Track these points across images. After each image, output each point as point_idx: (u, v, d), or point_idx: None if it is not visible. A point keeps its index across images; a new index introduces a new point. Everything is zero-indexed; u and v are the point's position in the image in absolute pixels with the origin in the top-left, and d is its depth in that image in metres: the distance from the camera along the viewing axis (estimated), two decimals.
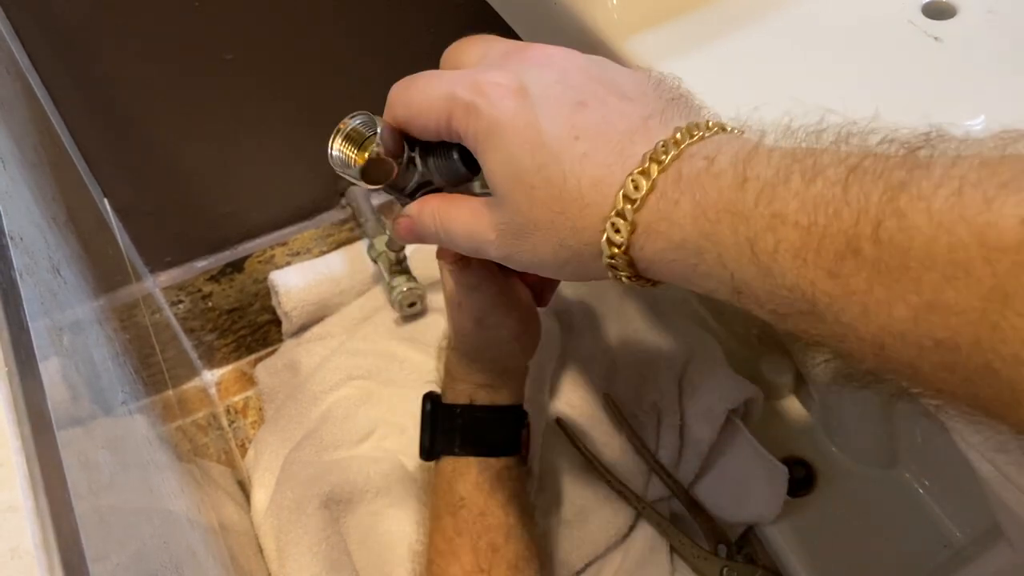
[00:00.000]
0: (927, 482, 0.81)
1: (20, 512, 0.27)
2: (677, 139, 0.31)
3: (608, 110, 0.33)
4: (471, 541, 0.59)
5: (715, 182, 0.29)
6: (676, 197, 0.30)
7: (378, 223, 0.91)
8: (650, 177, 0.31)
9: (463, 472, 0.60)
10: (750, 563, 0.76)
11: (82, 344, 0.45)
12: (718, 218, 0.29)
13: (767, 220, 0.27)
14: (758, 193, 0.28)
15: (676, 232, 0.30)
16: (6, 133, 0.49)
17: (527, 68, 0.35)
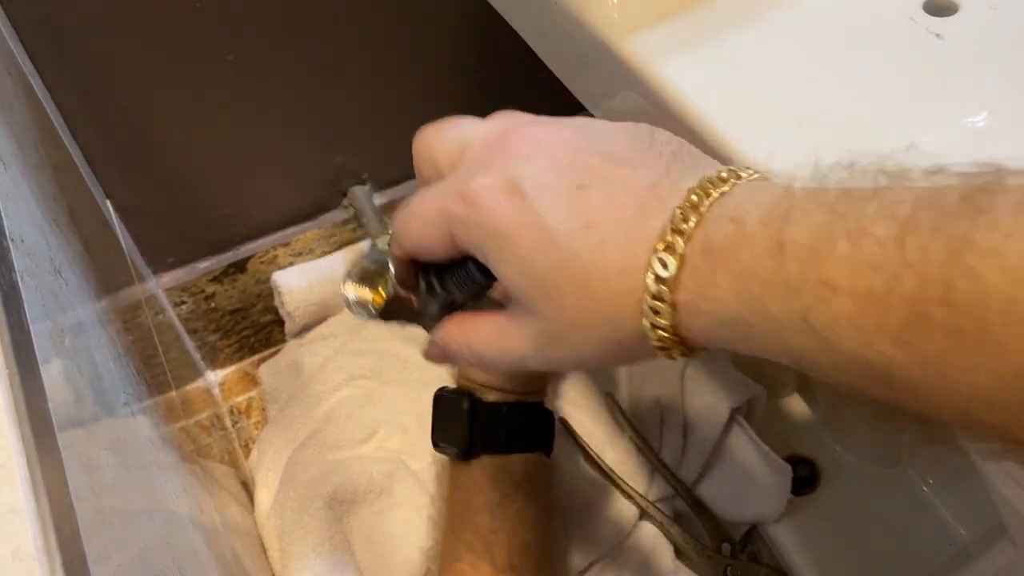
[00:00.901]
0: (931, 480, 0.80)
1: (21, 514, 0.27)
2: (694, 202, 0.29)
3: (611, 186, 0.31)
4: (507, 538, 0.59)
5: (749, 251, 0.27)
6: (711, 270, 0.28)
7: (380, 223, 0.91)
8: (676, 252, 0.28)
9: (508, 469, 0.60)
10: (754, 562, 0.76)
11: (84, 345, 0.45)
12: (762, 292, 0.26)
13: (817, 290, 0.25)
14: (802, 261, 0.25)
15: (720, 309, 0.28)
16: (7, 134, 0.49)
17: (512, 162, 0.32)
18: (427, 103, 0.91)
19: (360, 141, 0.90)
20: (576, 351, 0.33)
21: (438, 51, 0.86)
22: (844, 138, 0.43)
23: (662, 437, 0.80)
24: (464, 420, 0.60)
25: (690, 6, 0.51)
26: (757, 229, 0.27)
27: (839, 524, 0.81)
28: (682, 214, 0.29)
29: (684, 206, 0.29)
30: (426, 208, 0.34)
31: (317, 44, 0.80)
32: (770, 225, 0.26)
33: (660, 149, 0.32)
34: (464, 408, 0.59)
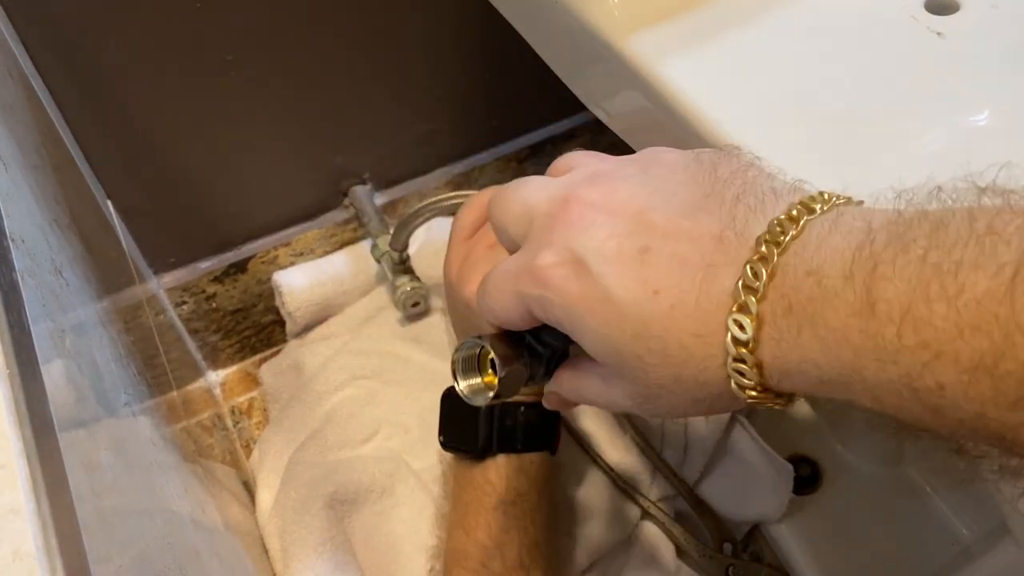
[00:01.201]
0: (933, 479, 0.80)
1: (22, 515, 0.27)
2: (763, 254, 0.27)
3: (676, 244, 0.29)
4: (519, 537, 0.59)
5: (834, 311, 0.24)
6: (795, 331, 0.26)
7: (381, 223, 0.91)
8: (751, 312, 0.27)
9: (525, 468, 0.60)
10: (756, 561, 0.76)
11: (85, 346, 0.45)
12: (855, 358, 0.24)
13: (918, 356, 0.22)
14: (896, 324, 0.23)
15: (811, 369, 0.26)
16: (8, 135, 0.49)
17: (574, 235, 0.31)
18: (428, 103, 0.91)
19: (360, 141, 0.90)
20: (672, 407, 0.32)
21: (439, 51, 0.86)
22: (845, 137, 0.43)
23: (664, 437, 0.80)
24: (480, 419, 0.61)
25: (691, 5, 0.51)
26: (840, 284, 0.25)
27: (841, 524, 0.81)
28: (752, 270, 0.27)
29: (754, 260, 0.27)
30: (503, 289, 0.34)
31: (317, 44, 0.80)
32: (855, 280, 0.24)
33: (724, 190, 0.30)
34: (481, 407, 0.58)
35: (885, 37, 0.47)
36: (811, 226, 0.27)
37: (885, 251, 0.24)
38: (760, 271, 0.27)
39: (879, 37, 0.48)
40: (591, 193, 0.32)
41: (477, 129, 0.97)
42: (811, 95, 0.45)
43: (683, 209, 0.30)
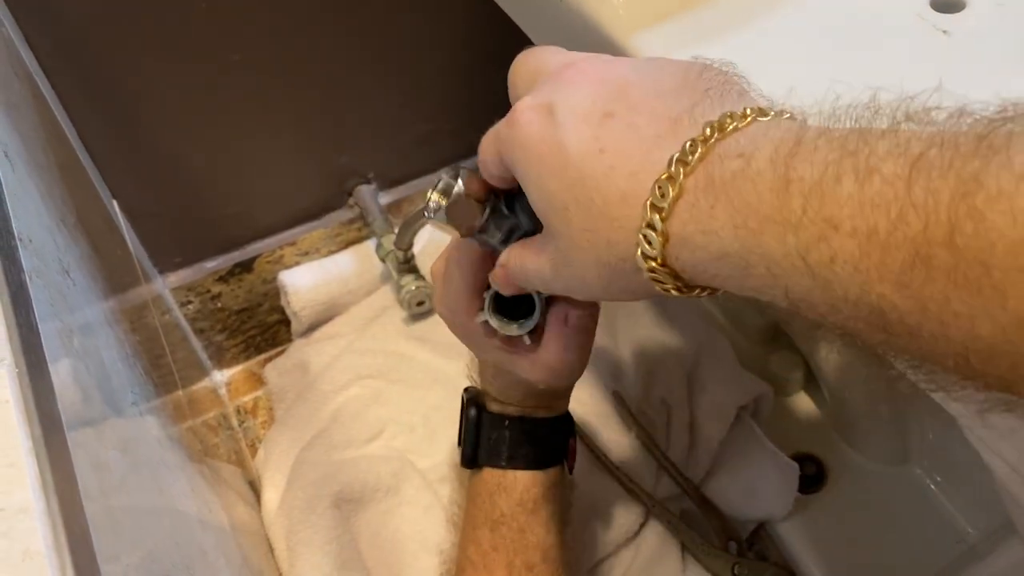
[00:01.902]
0: (939, 478, 0.80)
1: (31, 513, 0.27)
2: (706, 135, 0.29)
3: (636, 116, 0.31)
4: (507, 558, 0.56)
5: (753, 186, 0.26)
6: (710, 204, 0.28)
7: (386, 222, 0.91)
8: (676, 181, 0.28)
9: (508, 488, 0.57)
10: (761, 560, 0.76)
11: (92, 345, 0.45)
12: (761, 228, 0.26)
13: (818, 228, 0.24)
14: (805, 197, 0.24)
15: (714, 243, 0.28)
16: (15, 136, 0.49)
17: (560, 87, 0.34)
18: (432, 103, 0.91)
19: (365, 141, 0.90)
20: (580, 274, 0.34)
21: (443, 51, 0.86)
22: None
23: (669, 436, 0.80)
24: (469, 429, 0.58)
25: (695, 4, 0.51)
26: (764, 165, 0.26)
27: (846, 522, 0.81)
28: (691, 146, 0.29)
29: (696, 139, 0.29)
30: (489, 136, 0.37)
31: (322, 44, 0.80)
32: (777, 161, 0.26)
33: (700, 84, 0.32)
34: (471, 416, 0.58)
35: (891, 35, 0.47)
36: (758, 123, 0.29)
37: (810, 141, 0.26)
38: (696, 148, 0.28)
39: (885, 35, 0.47)
40: (592, 64, 0.34)
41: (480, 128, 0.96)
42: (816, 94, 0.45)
43: (658, 91, 0.32)
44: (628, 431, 0.79)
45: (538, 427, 0.57)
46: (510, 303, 0.46)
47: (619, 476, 0.76)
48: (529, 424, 0.56)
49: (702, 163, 0.28)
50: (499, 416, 0.57)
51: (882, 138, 0.24)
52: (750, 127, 0.29)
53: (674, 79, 0.32)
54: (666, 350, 0.83)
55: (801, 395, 0.91)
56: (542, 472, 0.57)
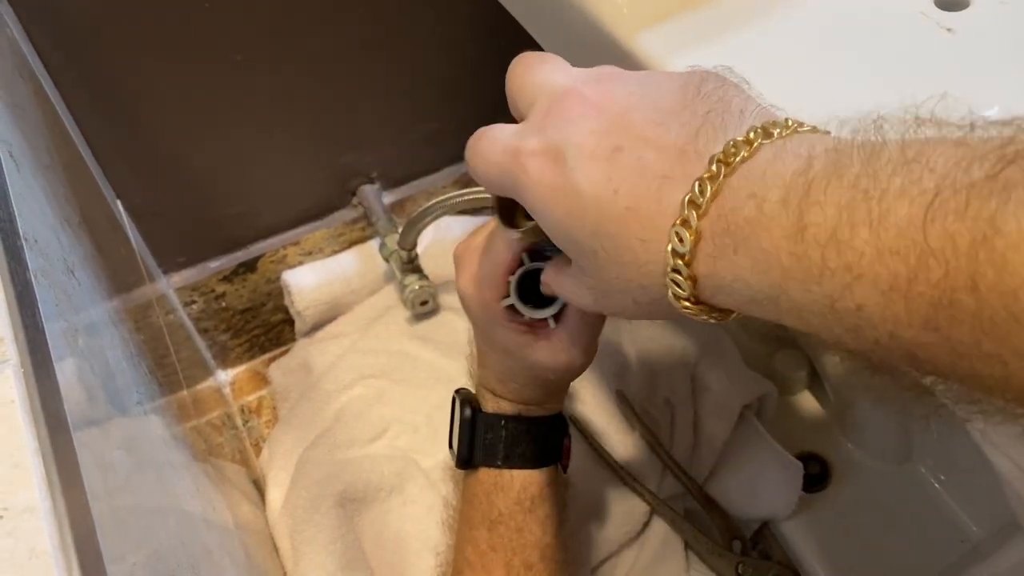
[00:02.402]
0: (943, 477, 0.80)
1: (37, 513, 0.27)
2: (712, 172, 0.28)
3: (644, 149, 0.31)
4: (505, 558, 0.56)
5: (768, 234, 0.26)
6: (731, 249, 0.27)
7: (389, 222, 0.91)
8: (691, 226, 0.28)
9: (504, 487, 0.57)
10: (765, 559, 0.76)
11: (97, 345, 0.45)
12: (783, 279, 0.26)
13: (841, 278, 0.24)
14: (822, 247, 0.24)
15: (743, 288, 0.28)
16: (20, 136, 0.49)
17: (563, 123, 0.33)
18: (435, 103, 0.91)
19: (368, 140, 0.90)
20: (620, 306, 0.35)
21: (447, 50, 0.86)
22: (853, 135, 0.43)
23: (673, 434, 0.80)
24: (464, 429, 0.58)
25: (698, 3, 0.51)
26: (776, 209, 0.26)
27: (850, 521, 0.80)
28: (699, 187, 0.28)
29: (703, 177, 0.28)
30: (490, 156, 0.37)
31: (326, 44, 0.80)
32: (790, 205, 0.25)
33: (699, 104, 0.31)
34: (466, 416, 0.58)
35: (895, 34, 0.47)
36: (762, 150, 0.28)
37: (820, 177, 0.25)
38: (706, 188, 0.28)
39: (889, 34, 0.47)
40: (590, 89, 0.34)
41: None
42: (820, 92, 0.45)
43: (660, 116, 0.31)
44: (632, 430, 0.79)
45: (534, 426, 0.57)
46: (533, 286, 0.47)
47: (623, 475, 0.76)
48: (525, 423, 0.57)
49: (714, 203, 0.28)
50: (495, 415, 0.57)
51: (893, 175, 0.23)
52: (756, 157, 0.28)
53: (673, 97, 0.32)
54: (670, 349, 0.83)
55: (805, 394, 0.91)
56: (538, 471, 0.57)
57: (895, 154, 0.24)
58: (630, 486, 0.76)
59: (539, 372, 0.52)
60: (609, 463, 0.77)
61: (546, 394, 0.57)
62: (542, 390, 0.56)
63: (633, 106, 0.32)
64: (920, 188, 0.22)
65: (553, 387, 0.57)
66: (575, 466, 0.77)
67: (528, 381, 0.55)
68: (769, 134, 0.29)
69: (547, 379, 0.54)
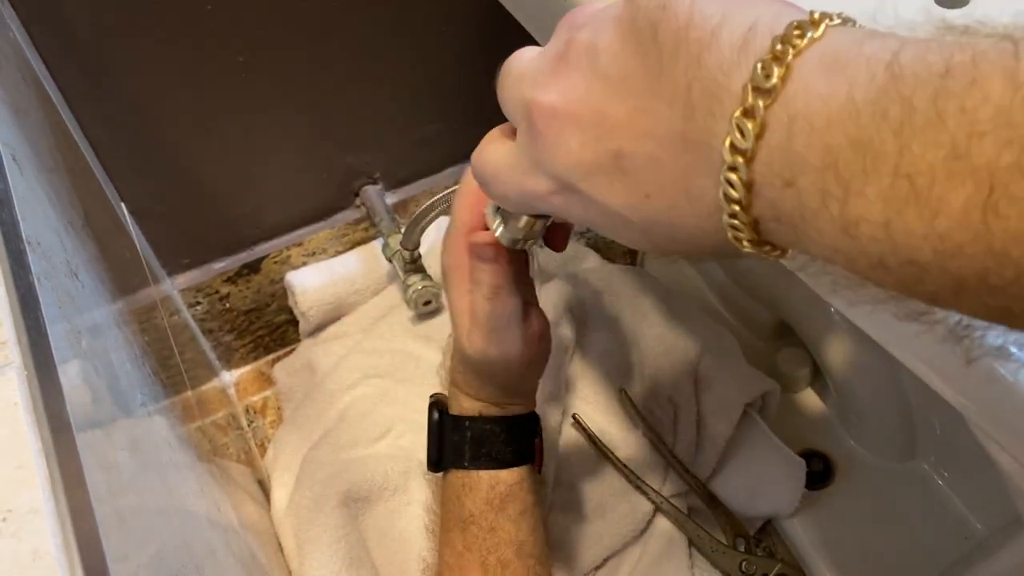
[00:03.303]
0: (946, 474, 0.80)
1: (41, 514, 0.27)
2: (732, 164, 0.24)
3: (644, 144, 0.28)
4: (480, 557, 0.57)
5: (817, 231, 0.24)
6: (787, 232, 0.25)
7: (392, 222, 0.91)
8: (742, 222, 0.25)
9: (473, 487, 0.58)
10: (769, 556, 0.76)
11: (101, 347, 0.45)
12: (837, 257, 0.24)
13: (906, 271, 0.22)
14: (881, 241, 0.22)
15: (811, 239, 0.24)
16: (23, 140, 0.49)
17: (550, 152, 0.31)
18: (437, 103, 0.91)
19: (371, 141, 0.90)
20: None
21: (449, 51, 0.87)
22: None
23: (676, 433, 0.80)
24: (432, 432, 0.59)
25: None
26: (816, 202, 0.23)
27: (854, 518, 0.81)
28: (728, 181, 0.25)
29: (726, 172, 0.25)
30: (510, 187, 0.35)
31: (328, 45, 0.80)
32: (831, 201, 0.23)
33: (672, 68, 0.27)
34: (434, 419, 0.59)
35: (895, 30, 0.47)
36: (770, 131, 0.24)
37: (851, 164, 0.22)
38: (738, 185, 0.25)
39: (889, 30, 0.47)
40: (551, 95, 0.30)
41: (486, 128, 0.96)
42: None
43: (639, 99, 0.28)
44: (635, 429, 0.79)
45: (498, 426, 0.58)
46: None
47: (627, 473, 0.76)
48: (488, 423, 0.57)
49: (752, 195, 0.25)
50: (459, 417, 0.58)
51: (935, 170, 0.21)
52: (767, 138, 0.24)
53: (637, 68, 0.28)
54: (673, 348, 0.83)
55: (808, 392, 0.91)
56: (506, 471, 0.58)
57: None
58: (634, 484, 0.76)
59: (503, 366, 0.54)
60: (613, 462, 0.77)
61: (505, 393, 0.57)
62: (500, 389, 0.57)
63: (603, 100, 0.29)
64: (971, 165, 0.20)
65: (512, 385, 0.57)
66: (579, 465, 0.78)
67: (484, 375, 0.56)
68: (767, 92, 0.24)
69: (495, 372, 0.55)
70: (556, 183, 0.32)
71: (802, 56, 0.24)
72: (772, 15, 0.25)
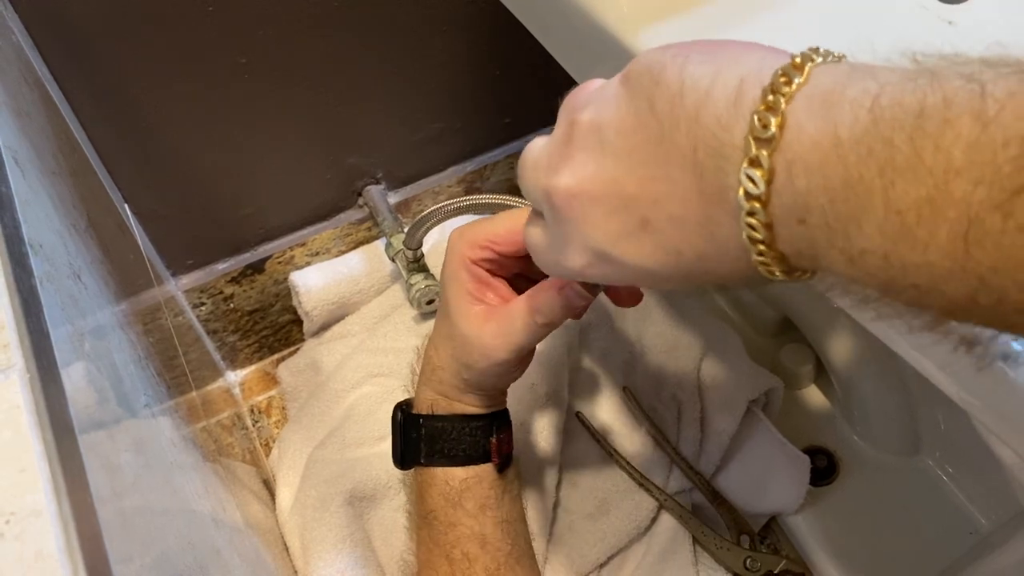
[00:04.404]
0: (951, 469, 0.80)
1: (44, 516, 0.27)
2: (751, 209, 0.26)
3: (665, 207, 0.30)
4: (444, 551, 0.59)
5: (836, 252, 0.25)
6: (809, 256, 0.27)
7: (395, 222, 0.91)
8: (769, 257, 0.27)
9: (430, 483, 0.60)
10: (773, 553, 0.76)
11: (104, 348, 0.45)
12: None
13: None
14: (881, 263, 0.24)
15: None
16: (26, 141, 0.49)
17: (578, 229, 0.33)
18: (439, 103, 0.91)
19: (374, 141, 0.90)
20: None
21: (450, 50, 0.87)
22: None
23: (680, 430, 0.80)
24: (394, 430, 0.61)
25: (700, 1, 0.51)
26: (823, 231, 0.25)
27: (858, 515, 0.80)
28: (750, 226, 0.27)
29: (745, 218, 0.27)
30: (555, 269, 0.38)
31: (330, 45, 0.80)
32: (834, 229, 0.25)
33: (674, 134, 0.29)
34: (397, 418, 0.61)
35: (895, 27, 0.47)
36: (777, 176, 0.26)
37: (848, 201, 0.24)
38: (759, 227, 0.27)
39: (889, 27, 0.47)
40: (564, 181, 0.33)
41: (488, 127, 0.97)
42: None
43: (648, 167, 0.30)
44: (639, 426, 0.79)
45: (449, 424, 0.59)
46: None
47: (630, 470, 0.76)
48: (440, 421, 0.59)
49: (772, 235, 0.27)
50: (416, 415, 0.60)
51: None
52: (776, 183, 0.26)
53: (641, 139, 0.30)
54: (676, 345, 0.83)
55: (812, 388, 0.91)
56: (460, 468, 0.59)
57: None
58: (638, 482, 0.76)
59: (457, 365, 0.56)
60: (617, 459, 0.77)
61: (456, 389, 0.58)
62: (461, 382, 0.58)
63: (614, 175, 0.31)
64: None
65: (472, 380, 0.58)
66: (583, 463, 0.78)
67: (451, 369, 0.57)
68: (768, 142, 0.25)
69: (456, 368, 0.56)
70: (589, 256, 0.34)
71: (793, 102, 0.25)
72: (757, 66, 0.27)
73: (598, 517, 0.75)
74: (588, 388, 0.82)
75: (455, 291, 0.54)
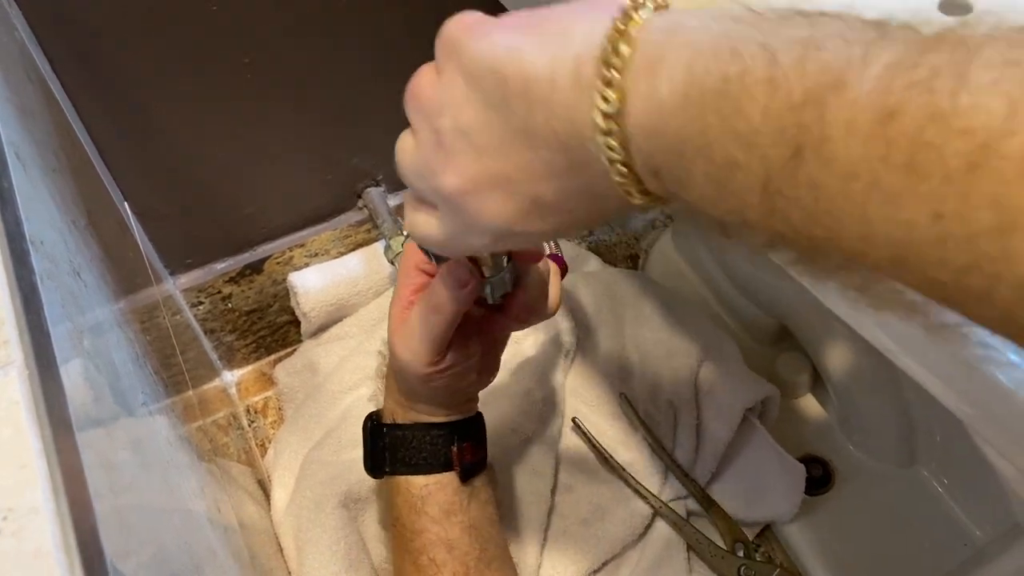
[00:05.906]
0: (946, 480, 0.80)
1: (41, 513, 0.27)
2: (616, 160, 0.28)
3: (518, 184, 0.33)
4: (412, 557, 0.60)
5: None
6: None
7: (395, 224, 0.91)
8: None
9: (395, 491, 0.61)
10: (768, 562, 0.76)
11: (103, 346, 0.45)
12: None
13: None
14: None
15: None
16: (28, 138, 0.49)
17: (478, 218, 0.35)
18: None
19: (374, 143, 0.90)
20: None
21: None
22: None
23: (676, 437, 0.80)
24: (364, 439, 0.63)
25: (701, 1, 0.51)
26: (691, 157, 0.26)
27: (853, 524, 0.81)
28: (619, 175, 0.29)
29: (616, 172, 0.29)
30: (458, 250, 0.41)
31: (332, 46, 0.80)
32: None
33: (535, 124, 0.30)
34: (367, 427, 0.63)
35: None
36: (630, 143, 0.28)
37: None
38: (627, 182, 0.29)
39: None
40: (451, 181, 0.34)
41: None
42: None
43: (523, 154, 0.32)
44: (635, 432, 0.79)
45: (409, 433, 0.60)
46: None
47: (626, 477, 0.76)
48: (401, 430, 0.60)
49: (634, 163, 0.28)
50: (380, 425, 0.61)
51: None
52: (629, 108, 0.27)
53: (501, 129, 0.32)
54: (673, 352, 0.83)
55: (808, 397, 0.91)
56: (422, 476, 0.60)
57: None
58: (633, 488, 0.76)
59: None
60: (612, 465, 0.77)
61: (407, 397, 0.59)
62: (405, 392, 0.59)
63: (495, 163, 0.33)
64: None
65: (405, 390, 0.59)
66: (578, 468, 0.78)
67: (399, 376, 0.58)
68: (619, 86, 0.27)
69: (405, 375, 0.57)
70: (492, 236, 0.36)
71: (627, 72, 0.27)
72: (587, 39, 0.28)
73: (593, 523, 0.75)
74: (585, 394, 0.82)
75: (394, 297, 0.56)
